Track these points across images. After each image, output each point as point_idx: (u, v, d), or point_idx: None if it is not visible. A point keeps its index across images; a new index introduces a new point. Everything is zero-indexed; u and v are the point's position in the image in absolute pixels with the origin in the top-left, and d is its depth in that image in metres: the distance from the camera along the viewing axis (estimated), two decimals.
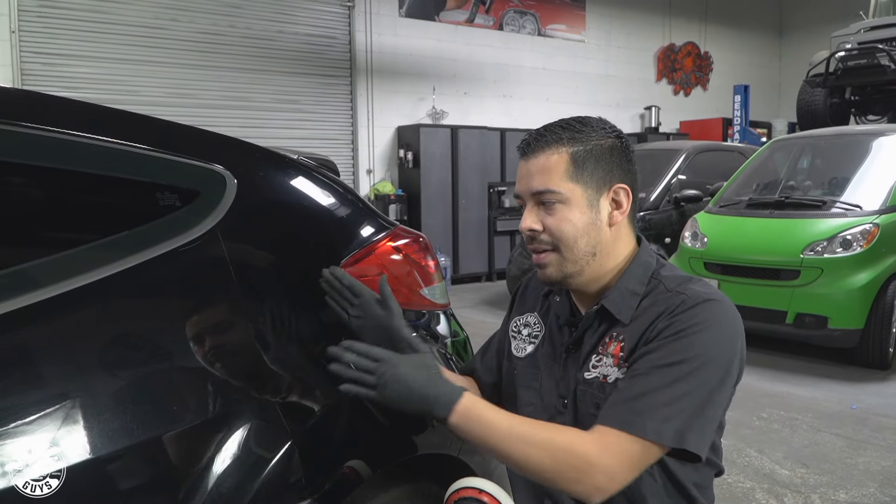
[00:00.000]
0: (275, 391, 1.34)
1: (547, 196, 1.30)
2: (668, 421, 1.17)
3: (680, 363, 1.19)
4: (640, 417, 1.17)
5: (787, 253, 5.08)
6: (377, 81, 9.53)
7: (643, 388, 1.19)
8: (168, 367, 1.28)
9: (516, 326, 1.53)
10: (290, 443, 1.31)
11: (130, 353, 1.25)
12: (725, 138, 12.07)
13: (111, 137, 1.30)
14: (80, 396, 1.14)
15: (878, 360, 4.94)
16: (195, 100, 8.09)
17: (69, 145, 1.25)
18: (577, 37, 11.76)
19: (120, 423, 1.16)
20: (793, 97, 10.20)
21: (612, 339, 1.31)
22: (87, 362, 1.19)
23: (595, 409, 1.29)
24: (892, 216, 5.02)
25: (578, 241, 1.30)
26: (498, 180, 9.83)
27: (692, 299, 1.25)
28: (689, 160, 7.27)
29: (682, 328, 1.22)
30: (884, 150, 5.69)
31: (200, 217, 1.35)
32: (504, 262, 8.92)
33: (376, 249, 1.67)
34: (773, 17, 15.18)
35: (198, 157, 1.41)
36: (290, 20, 8.87)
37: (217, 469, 1.23)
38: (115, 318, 1.26)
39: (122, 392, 1.20)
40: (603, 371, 1.30)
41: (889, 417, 4.07)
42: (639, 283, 1.34)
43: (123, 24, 7.75)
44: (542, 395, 1.41)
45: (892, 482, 3.20)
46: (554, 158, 1.30)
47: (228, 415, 1.28)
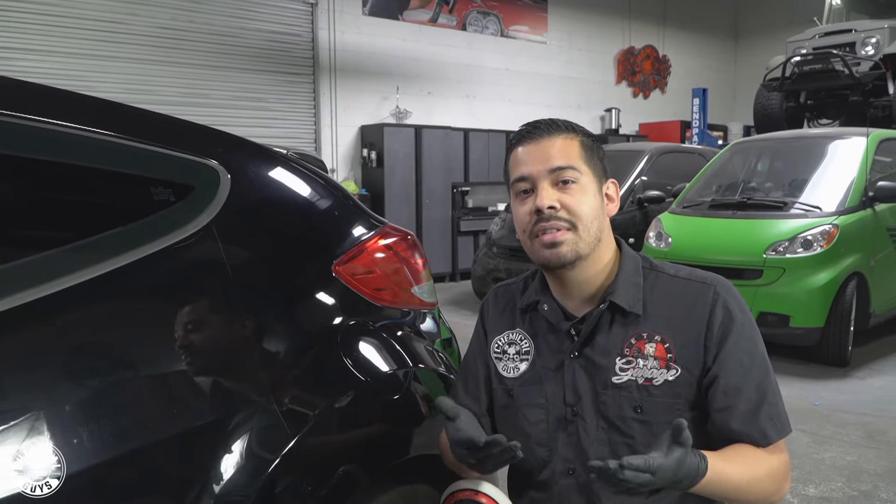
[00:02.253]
0: (274, 392, 1.31)
1: (569, 173, 1.30)
2: (783, 414, 1.30)
3: (758, 353, 1.30)
4: (777, 420, 1.28)
5: (749, 253, 5.17)
6: (341, 80, 9.45)
7: (759, 393, 1.28)
8: (165, 369, 1.24)
9: (499, 347, 1.46)
10: (291, 445, 1.28)
11: (125, 356, 1.21)
12: (683, 140, 12.26)
13: (104, 129, 1.25)
14: (74, 400, 1.11)
15: (838, 358, 5.05)
16: (154, 96, 7.91)
17: (57, 136, 1.20)
18: (540, 38, 11.83)
19: (116, 427, 1.12)
20: (748, 101, 10.40)
21: (645, 340, 1.30)
22: (80, 365, 1.15)
23: (635, 413, 1.28)
24: (850, 217, 5.14)
25: (593, 222, 1.31)
26: (462, 180, 9.83)
27: (715, 283, 1.33)
28: (651, 161, 7.35)
29: (735, 317, 1.30)
30: (841, 152, 5.82)
31: (195, 213, 1.32)
32: (468, 263, 8.91)
33: (368, 247, 1.65)
34: (728, 22, 15.47)
35: (191, 152, 1.37)
36: (253, 17, 8.75)
37: (217, 473, 1.20)
38: (108, 319, 1.22)
39: (117, 395, 1.16)
40: (642, 374, 1.29)
41: (851, 413, 4.17)
42: (636, 273, 1.36)
43: (80, 18, 7.54)
44: (549, 410, 1.37)
45: (858, 477, 3.28)
46: (569, 141, 1.33)
47: (228, 417, 1.24)
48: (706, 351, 1.28)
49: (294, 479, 1.29)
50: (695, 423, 1.29)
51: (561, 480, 1.34)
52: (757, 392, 1.28)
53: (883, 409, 4.24)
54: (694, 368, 1.28)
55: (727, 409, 1.26)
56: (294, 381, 1.36)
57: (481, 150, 10.03)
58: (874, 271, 5.24)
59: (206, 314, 1.30)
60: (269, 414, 1.28)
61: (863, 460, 3.47)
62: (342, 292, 1.54)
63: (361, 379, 1.46)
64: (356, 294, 1.57)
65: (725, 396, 1.27)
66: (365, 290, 1.60)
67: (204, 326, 1.29)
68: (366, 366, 1.50)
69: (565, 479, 1.33)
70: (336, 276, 1.54)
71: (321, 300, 1.52)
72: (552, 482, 1.35)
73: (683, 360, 1.28)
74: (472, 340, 1.55)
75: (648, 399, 1.28)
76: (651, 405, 1.28)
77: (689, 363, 1.28)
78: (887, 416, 4.12)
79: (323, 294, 1.52)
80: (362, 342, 1.54)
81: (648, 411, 1.28)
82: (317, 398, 1.38)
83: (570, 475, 1.33)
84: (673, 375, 1.28)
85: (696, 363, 1.28)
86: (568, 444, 1.33)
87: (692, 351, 1.28)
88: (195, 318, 1.28)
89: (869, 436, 3.81)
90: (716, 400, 1.27)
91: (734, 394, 1.26)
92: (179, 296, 1.28)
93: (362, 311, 1.59)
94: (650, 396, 1.28)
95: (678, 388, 1.28)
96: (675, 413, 1.28)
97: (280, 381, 1.33)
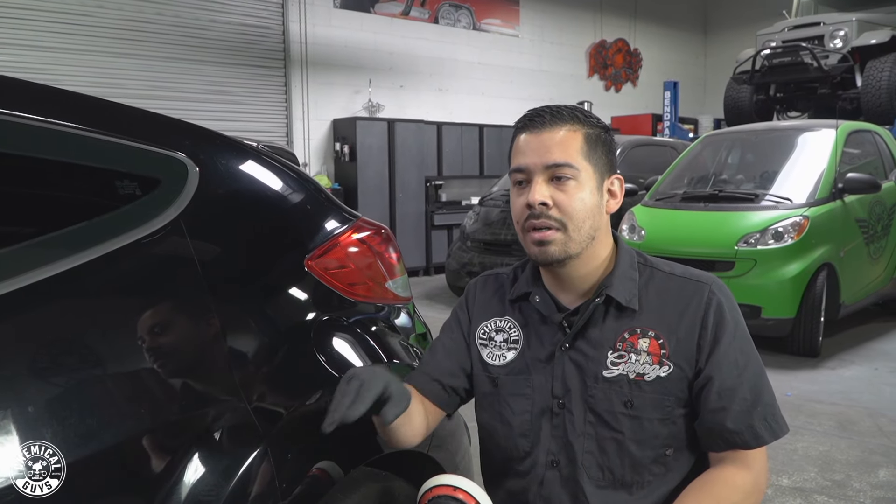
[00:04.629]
0: (244, 390, 1.28)
1: (565, 170, 1.26)
2: (778, 415, 1.28)
3: (751, 354, 1.30)
4: (772, 421, 1.26)
5: (721, 245, 5.21)
6: (312, 73, 9.37)
7: (754, 393, 1.27)
8: (131, 367, 1.19)
9: (485, 333, 1.44)
10: (263, 444, 1.25)
11: (90, 354, 1.16)
12: (655, 133, 12.33)
13: (66, 121, 1.20)
14: (33, 401, 1.06)
15: (809, 349, 5.12)
16: (122, 90, 7.77)
17: (17, 128, 1.15)
18: (512, 31, 11.83)
19: (81, 427, 1.08)
20: (718, 94, 10.49)
21: (639, 335, 1.28)
22: (41, 364, 1.10)
23: (625, 408, 1.27)
24: (820, 209, 5.20)
25: (586, 221, 1.28)
26: (435, 174, 9.81)
27: (710, 282, 1.32)
28: (624, 154, 7.39)
29: (729, 317, 1.29)
30: (811, 144, 5.88)
31: (163, 207, 1.27)
32: (442, 257, 8.90)
33: (340, 241, 1.62)
34: (698, 15, 15.59)
35: (158, 144, 1.33)
36: (222, 9, 8.64)
37: (186, 473, 1.16)
38: (72, 316, 1.17)
39: (80, 396, 1.11)
40: (634, 369, 1.27)
41: (822, 403, 4.22)
42: (631, 268, 1.34)
43: (46, 11, 7.40)
44: (534, 401, 1.35)
45: (830, 466, 3.31)
46: (571, 134, 1.28)
47: (197, 415, 1.21)
48: (699, 350, 1.27)
49: (267, 477, 1.25)
50: (685, 420, 1.29)
51: (543, 472, 1.32)
52: (752, 392, 1.27)
53: (854, 399, 4.30)
54: (686, 366, 1.27)
55: (722, 409, 1.25)
56: (265, 378, 1.32)
57: (454, 144, 10.02)
58: (844, 262, 5.31)
59: (174, 311, 1.26)
60: (239, 412, 1.25)
61: (835, 450, 3.51)
62: (315, 287, 1.51)
63: (335, 375, 1.43)
64: (329, 289, 1.54)
65: (720, 397, 1.25)
66: (338, 284, 1.57)
67: (171, 323, 1.25)
68: (339, 362, 1.47)
69: (548, 471, 1.32)
70: (308, 270, 1.50)
71: (293, 295, 1.48)
72: (533, 474, 1.33)
73: (676, 357, 1.27)
74: (449, 323, 1.51)
75: (639, 394, 1.27)
76: (641, 401, 1.27)
77: (682, 361, 1.27)
78: (858, 406, 4.17)
79: (295, 289, 1.49)
80: (336, 338, 1.51)
81: (638, 407, 1.27)
82: (289, 395, 1.35)
83: (553, 467, 1.31)
84: (665, 372, 1.26)
85: (688, 361, 1.27)
86: (553, 437, 1.32)
87: (686, 349, 1.27)
88: (162, 314, 1.24)
89: (840, 426, 3.86)
90: (710, 401, 1.26)
91: (729, 394, 1.25)
92: (146, 292, 1.24)
93: (335, 306, 1.56)
94: (641, 392, 1.27)
95: (670, 384, 1.27)
96: (666, 409, 1.27)
97: (251, 378, 1.29)
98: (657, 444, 1.27)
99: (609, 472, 1.28)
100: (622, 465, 1.27)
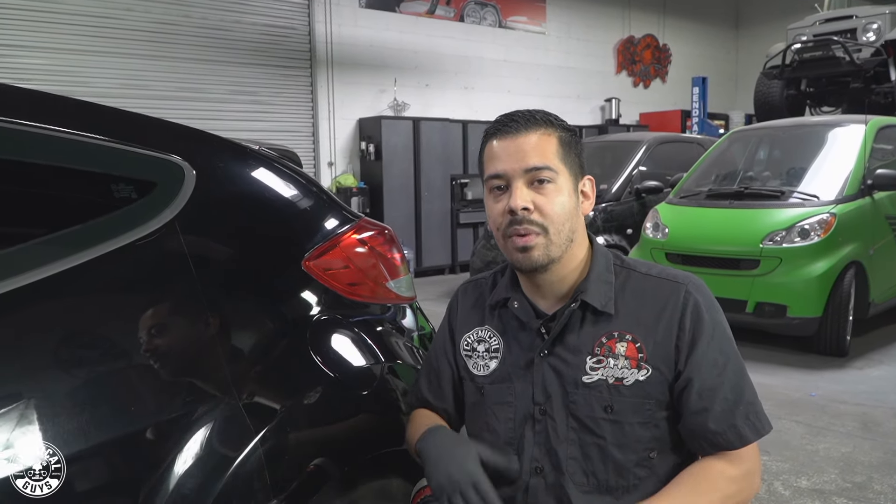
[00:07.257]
0: (238, 389, 1.30)
1: (544, 173, 1.26)
2: (761, 413, 1.27)
3: (731, 353, 1.28)
4: (755, 419, 1.25)
5: (746, 243, 5.14)
6: (338, 73, 9.42)
7: (735, 392, 1.25)
8: (126, 366, 1.22)
9: (468, 345, 1.44)
10: (255, 441, 1.27)
11: (85, 353, 1.20)
12: (684, 130, 12.21)
13: (62, 126, 1.23)
14: (31, 398, 1.09)
15: (836, 348, 5.03)
16: (149, 91, 7.90)
17: (15, 134, 1.19)
18: (538, 29, 11.77)
19: (75, 424, 1.11)
20: (749, 89, 10.34)
21: (616, 340, 1.27)
22: (38, 363, 1.14)
23: (605, 413, 1.26)
24: (848, 206, 5.10)
25: (566, 224, 1.28)
26: (460, 172, 9.80)
27: (686, 282, 1.30)
28: (649, 151, 7.32)
29: (707, 317, 1.27)
30: (840, 140, 5.78)
31: (158, 209, 1.30)
32: (467, 255, 8.89)
33: (341, 242, 1.63)
34: (729, 10, 15.38)
35: (153, 148, 1.35)
36: (248, 10, 8.72)
37: (178, 470, 1.19)
38: (68, 316, 1.20)
39: (76, 393, 1.15)
40: (613, 373, 1.26)
41: (847, 404, 4.14)
42: (607, 271, 1.33)
43: (75, 14, 7.53)
44: (516, 408, 1.34)
45: (852, 468, 3.26)
46: (546, 138, 1.28)
47: (190, 414, 1.23)
48: (678, 352, 1.26)
49: (259, 474, 1.27)
50: (667, 423, 1.28)
51: (528, 480, 1.31)
52: (733, 392, 1.25)
53: (880, 399, 4.22)
54: (665, 369, 1.26)
55: (703, 410, 1.24)
56: (258, 377, 1.34)
57: (480, 142, 9.98)
58: (873, 260, 5.21)
59: (169, 311, 1.29)
60: (232, 410, 1.27)
61: (857, 451, 3.45)
62: (312, 287, 1.53)
63: (330, 374, 1.44)
64: (328, 289, 1.55)
65: (701, 399, 1.24)
66: (337, 285, 1.58)
67: (166, 323, 1.27)
68: (335, 361, 1.49)
69: (533, 478, 1.31)
70: (306, 270, 1.52)
71: (290, 296, 1.50)
72: (518, 481, 1.33)
73: (655, 360, 1.26)
74: (437, 337, 1.53)
75: (619, 399, 1.25)
76: (621, 405, 1.25)
77: (661, 363, 1.26)
78: (884, 406, 4.09)
79: (292, 290, 1.51)
80: (332, 337, 1.52)
81: (619, 411, 1.26)
82: (283, 394, 1.37)
83: (538, 474, 1.30)
84: (644, 375, 1.25)
85: (667, 364, 1.26)
86: (536, 444, 1.31)
87: (664, 351, 1.26)
88: (157, 314, 1.27)
89: (864, 426, 3.79)
90: (691, 402, 1.24)
91: (710, 395, 1.24)
92: (141, 292, 1.26)
93: (334, 306, 1.57)
94: (621, 396, 1.26)
95: (649, 388, 1.26)
96: (646, 413, 1.26)
97: (244, 377, 1.31)
98: (640, 448, 1.26)
99: (593, 477, 1.27)
100: (606, 470, 1.26)
